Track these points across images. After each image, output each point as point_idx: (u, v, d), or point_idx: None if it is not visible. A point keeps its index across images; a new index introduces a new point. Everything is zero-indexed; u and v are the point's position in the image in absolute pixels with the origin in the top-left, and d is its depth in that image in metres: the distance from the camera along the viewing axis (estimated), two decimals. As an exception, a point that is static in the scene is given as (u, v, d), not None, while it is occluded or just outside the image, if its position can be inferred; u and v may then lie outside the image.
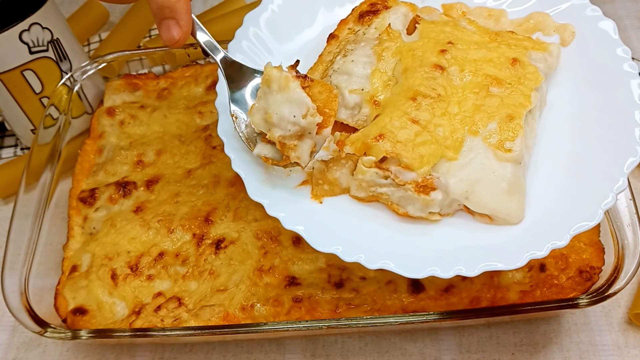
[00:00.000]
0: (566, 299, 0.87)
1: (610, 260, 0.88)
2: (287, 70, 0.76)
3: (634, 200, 0.89)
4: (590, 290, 0.87)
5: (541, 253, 0.74)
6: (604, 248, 0.91)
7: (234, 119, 0.83)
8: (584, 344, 0.94)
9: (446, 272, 0.74)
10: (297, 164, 0.78)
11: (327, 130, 0.78)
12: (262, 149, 0.80)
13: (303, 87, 0.76)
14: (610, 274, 0.86)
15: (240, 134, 0.82)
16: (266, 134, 0.78)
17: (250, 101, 0.84)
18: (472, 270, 0.74)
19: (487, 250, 0.77)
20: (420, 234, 0.80)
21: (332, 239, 0.77)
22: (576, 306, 0.84)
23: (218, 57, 0.85)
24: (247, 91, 0.85)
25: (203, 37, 0.86)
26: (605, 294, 0.84)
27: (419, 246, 0.78)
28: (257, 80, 0.85)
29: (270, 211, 0.79)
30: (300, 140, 0.77)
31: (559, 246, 0.74)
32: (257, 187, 0.81)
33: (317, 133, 0.77)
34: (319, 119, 0.76)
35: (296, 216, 0.79)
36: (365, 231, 0.80)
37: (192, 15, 0.83)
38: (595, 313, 0.97)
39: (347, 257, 0.76)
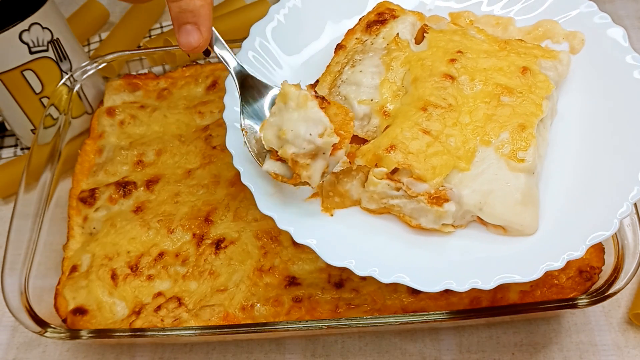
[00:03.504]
0: (566, 299, 0.87)
1: (610, 260, 0.88)
2: (305, 88, 0.75)
3: (634, 201, 0.89)
4: (590, 290, 0.87)
5: (557, 264, 0.73)
6: (604, 248, 0.91)
7: (244, 132, 0.81)
8: (584, 344, 0.94)
9: (461, 286, 0.72)
10: (307, 183, 0.77)
11: (341, 152, 0.76)
12: (271, 165, 0.79)
13: (320, 108, 0.75)
14: (610, 274, 0.86)
15: (250, 150, 0.81)
16: (277, 151, 0.76)
17: (264, 115, 0.82)
18: (487, 282, 0.72)
19: (502, 262, 0.75)
20: (434, 246, 0.79)
21: (344, 252, 0.76)
22: (576, 306, 0.84)
23: (232, 68, 0.83)
24: (265, 103, 0.83)
25: (220, 47, 0.83)
26: (605, 294, 0.84)
27: (432, 259, 0.77)
28: (272, 95, 0.83)
29: (281, 225, 0.78)
30: (314, 159, 0.75)
31: (575, 257, 0.73)
32: (267, 201, 0.80)
33: (330, 154, 0.76)
34: (335, 139, 0.74)
35: (307, 229, 0.78)
36: (377, 244, 0.79)
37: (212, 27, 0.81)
38: (595, 313, 0.97)
39: (360, 271, 0.74)
